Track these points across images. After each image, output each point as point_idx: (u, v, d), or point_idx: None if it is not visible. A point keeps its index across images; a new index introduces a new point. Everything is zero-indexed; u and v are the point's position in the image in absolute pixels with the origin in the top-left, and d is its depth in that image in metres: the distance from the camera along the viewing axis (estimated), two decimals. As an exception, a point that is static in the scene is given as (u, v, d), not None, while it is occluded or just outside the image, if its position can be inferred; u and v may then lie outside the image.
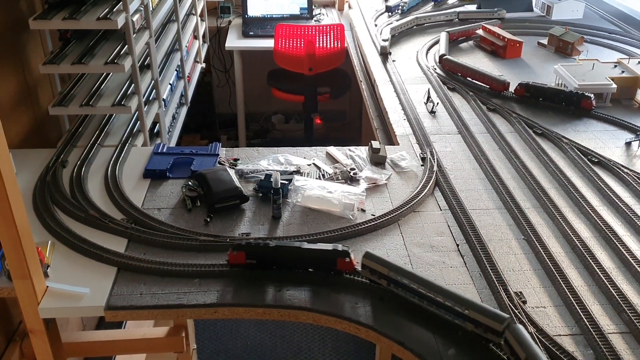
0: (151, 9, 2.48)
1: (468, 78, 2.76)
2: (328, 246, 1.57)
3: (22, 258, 1.40)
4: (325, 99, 4.16)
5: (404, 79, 2.83)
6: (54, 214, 1.81)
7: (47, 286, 1.53)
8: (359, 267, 1.56)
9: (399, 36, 3.39)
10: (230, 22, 4.33)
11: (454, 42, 3.27)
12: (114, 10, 2.16)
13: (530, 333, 1.37)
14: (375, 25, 3.56)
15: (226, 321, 3.25)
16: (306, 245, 1.58)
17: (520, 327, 1.33)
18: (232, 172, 1.96)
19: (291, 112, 4.92)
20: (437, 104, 2.55)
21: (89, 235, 1.72)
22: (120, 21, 2.12)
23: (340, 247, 1.56)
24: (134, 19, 2.23)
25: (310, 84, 4.02)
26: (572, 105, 2.48)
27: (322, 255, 1.56)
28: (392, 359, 2.59)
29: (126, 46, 2.26)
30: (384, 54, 3.08)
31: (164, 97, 2.70)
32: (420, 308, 1.45)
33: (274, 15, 4.25)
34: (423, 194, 1.91)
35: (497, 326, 1.34)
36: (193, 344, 2.43)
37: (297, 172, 2.04)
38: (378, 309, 1.48)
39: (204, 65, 3.81)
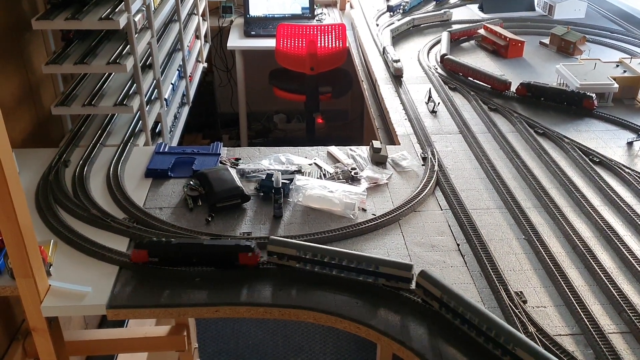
0: (153, 9, 2.49)
1: (469, 78, 2.76)
2: (231, 242, 1.60)
3: (25, 257, 1.41)
4: (327, 99, 4.16)
5: (405, 78, 2.83)
6: (57, 213, 1.81)
7: (50, 285, 1.53)
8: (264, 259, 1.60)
9: (399, 36, 3.40)
10: (232, 21, 4.34)
11: (455, 42, 3.28)
12: (116, 10, 2.17)
13: (530, 333, 1.37)
14: (377, 25, 3.57)
15: (228, 320, 3.25)
16: (208, 242, 1.60)
17: (428, 270, 1.45)
18: (233, 171, 1.97)
19: (293, 111, 4.92)
20: (438, 103, 2.56)
21: (91, 234, 1.73)
22: (122, 21, 2.13)
23: (243, 242, 1.59)
24: (136, 19, 2.23)
25: (312, 84, 4.03)
26: (574, 105, 2.48)
27: (224, 251, 1.58)
28: (393, 358, 2.60)
29: (128, 46, 2.26)
30: (398, 77, 2.84)
31: (166, 96, 2.71)
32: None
33: (275, 15, 4.26)
34: (424, 193, 1.92)
35: (407, 274, 1.47)
36: (195, 342, 2.43)
37: (299, 171, 2.04)
38: (378, 307, 1.49)
39: (205, 64, 3.81)
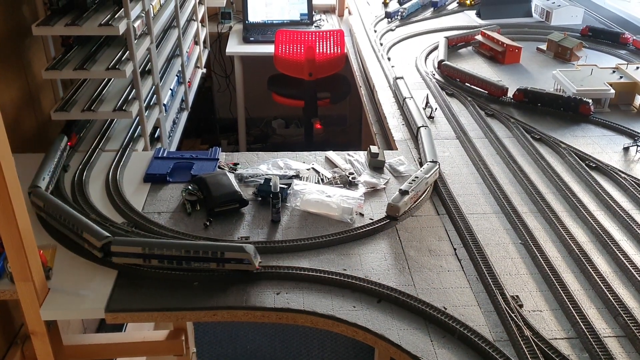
0: (152, 15, 2.50)
1: (466, 83, 2.78)
2: None
3: (25, 261, 1.42)
4: (325, 104, 4.18)
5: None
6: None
7: (49, 288, 1.54)
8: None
9: (397, 41, 3.41)
10: (230, 27, 4.36)
11: (453, 48, 3.29)
12: (116, 16, 2.18)
13: (526, 336, 1.38)
14: (375, 31, 3.59)
15: (226, 325, 3.26)
16: None
17: (120, 238, 1.57)
18: (231, 176, 1.98)
19: (291, 117, 4.94)
20: (436, 109, 2.57)
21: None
22: (122, 27, 2.14)
23: None
24: (135, 25, 2.25)
25: (311, 89, 4.04)
26: (571, 110, 2.49)
27: None
28: (391, 362, 2.60)
29: (127, 52, 2.28)
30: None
31: (165, 102, 2.72)
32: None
33: (274, 21, 4.28)
34: (421, 198, 1.93)
35: (97, 242, 1.56)
36: (193, 347, 2.44)
37: (297, 176, 2.05)
38: (375, 311, 1.50)
39: (204, 70, 3.83)
